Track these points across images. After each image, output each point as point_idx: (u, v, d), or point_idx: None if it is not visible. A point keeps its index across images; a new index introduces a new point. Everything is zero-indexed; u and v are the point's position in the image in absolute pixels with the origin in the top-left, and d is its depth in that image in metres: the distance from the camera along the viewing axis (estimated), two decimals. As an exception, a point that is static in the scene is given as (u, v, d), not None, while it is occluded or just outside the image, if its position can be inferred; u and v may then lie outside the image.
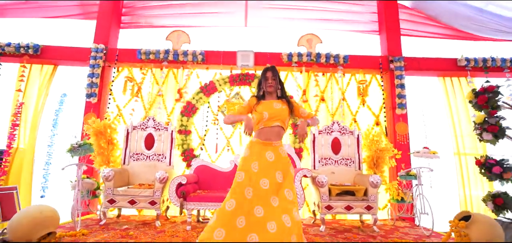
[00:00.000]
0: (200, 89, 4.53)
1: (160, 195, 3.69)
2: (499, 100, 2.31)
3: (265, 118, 2.21)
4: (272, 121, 2.21)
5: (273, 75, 2.29)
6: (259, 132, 2.23)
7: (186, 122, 4.42)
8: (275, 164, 2.14)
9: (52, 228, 2.60)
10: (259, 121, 2.22)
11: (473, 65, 4.98)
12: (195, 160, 4.23)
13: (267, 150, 2.18)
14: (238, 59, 4.69)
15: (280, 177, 2.08)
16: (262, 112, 2.21)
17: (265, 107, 2.24)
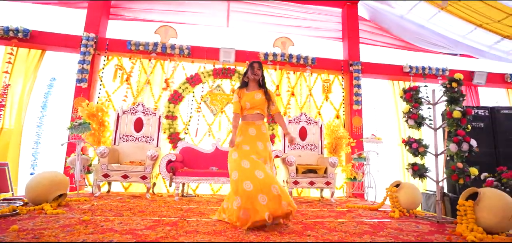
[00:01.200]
0: (186, 80, 5.06)
1: (151, 171, 4.20)
2: (421, 97, 3.20)
3: (247, 107, 2.77)
4: (253, 109, 2.77)
5: (259, 67, 2.81)
6: (244, 117, 2.81)
7: (173, 108, 4.93)
8: (256, 137, 2.74)
9: (64, 190, 3.03)
10: (243, 109, 2.79)
11: (415, 72, 6.05)
12: (181, 142, 4.77)
13: (250, 127, 2.78)
14: (221, 55, 5.28)
15: (261, 146, 2.72)
16: (246, 102, 2.77)
17: (248, 98, 2.77)
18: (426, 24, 6.12)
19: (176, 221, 2.50)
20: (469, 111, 2.88)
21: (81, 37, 5.02)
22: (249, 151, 2.61)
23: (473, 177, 2.79)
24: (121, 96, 5.10)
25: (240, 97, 2.81)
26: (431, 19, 5.82)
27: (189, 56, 5.27)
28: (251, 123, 2.79)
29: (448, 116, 2.97)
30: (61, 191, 2.99)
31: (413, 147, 3.15)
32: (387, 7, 6.07)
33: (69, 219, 2.36)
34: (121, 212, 2.82)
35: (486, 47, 6.15)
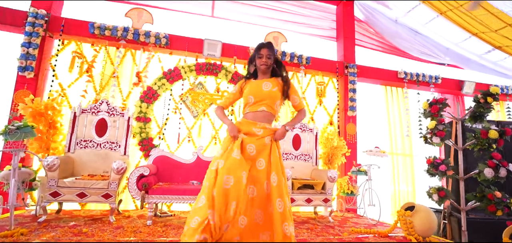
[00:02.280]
0: (163, 75, 4.22)
1: (117, 187, 3.35)
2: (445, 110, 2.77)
3: (251, 102, 2.03)
4: (258, 104, 2.01)
5: (269, 52, 2.05)
6: (246, 116, 2.06)
7: (146, 109, 4.08)
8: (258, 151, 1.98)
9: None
10: (246, 105, 2.08)
11: (409, 79, 5.77)
12: (154, 150, 3.95)
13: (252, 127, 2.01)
14: (205, 48, 4.52)
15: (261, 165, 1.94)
16: (249, 95, 2.04)
17: (253, 88, 2.05)
18: (420, 29, 5.86)
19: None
20: (508, 131, 2.48)
21: (26, 13, 3.96)
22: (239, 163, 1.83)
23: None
24: (80, 91, 4.14)
25: (242, 88, 2.13)
26: (428, 23, 5.56)
27: (167, 46, 4.42)
28: (253, 123, 2.01)
29: (482, 136, 2.55)
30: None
31: (441, 169, 2.69)
32: (384, 8, 5.71)
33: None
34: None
35: (476, 57, 6.06)
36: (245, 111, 2.09)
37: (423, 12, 5.30)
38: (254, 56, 2.16)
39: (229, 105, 2.19)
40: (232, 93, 2.17)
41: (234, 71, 4.54)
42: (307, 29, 5.64)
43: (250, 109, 2.05)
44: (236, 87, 2.17)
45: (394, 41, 6.06)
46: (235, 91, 2.16)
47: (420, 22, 5.60)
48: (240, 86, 2.16)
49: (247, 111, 2.06)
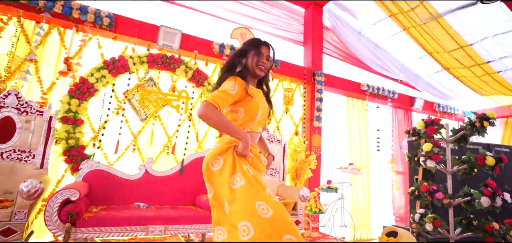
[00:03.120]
0: (104, 64, 3.25)
1: (26, 218, 2.36)
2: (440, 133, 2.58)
3: (257, 118, 1.53)
4: (261, 123, 1.59)
5: (269, 54, 1.61)
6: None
7: (77, 107, 3.07)
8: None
9: None
10: (250, 119, 1.51)
11: (370, 91, 5.77)
12: (87, 162, 2.99)
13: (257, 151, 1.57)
14: (160, 37, 3.69)
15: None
16: (257, 108, 1.51)
17: (260, 101, 1.55)
18: (382, 43, 5.94)
19: None
20: (504, 158, 2.35)
21: None
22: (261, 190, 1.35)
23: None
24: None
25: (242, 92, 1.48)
26: (390, 38, 5.63)
27: (111, 29, 3.45)
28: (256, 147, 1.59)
29: (479, 162, 2.38)
30: None
31: (437, 197, 2.45)
32: (350, 17, 5.60)
33: None
34: None
35: (426, 75, 6.41)
36: (248, 127, 1.52)
37: (388, 26, 5.33)
38: (246, 52, 1.60)
39: (226, 105, 1.45)
40: (231, 94, 1.44)
41: (195, 68, 3.80)
42: (275, 30, 5.20)
43: (253, 129, 1.55)
44: (235, 88, 1.46)
45: (357, 52, 6.03)
46: (236, 90, 1.46)
47: (384, 36, 5.64)
48: (245, 89, 1.49)
49: (251, 126, 1.53)
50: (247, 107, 1.50)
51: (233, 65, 1.60)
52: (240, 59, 1.60)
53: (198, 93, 3.92)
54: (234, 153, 1.43)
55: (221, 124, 1.40)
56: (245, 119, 1.51)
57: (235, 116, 1.52)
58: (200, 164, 3.53)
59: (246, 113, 1.51)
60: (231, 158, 1.41)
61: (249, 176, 1.36)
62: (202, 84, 3.80)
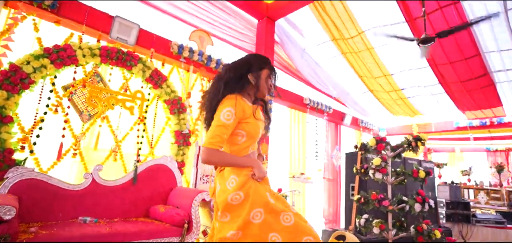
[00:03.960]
0: (45, 52, 2.70)
1: None
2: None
3: (258, 137, 1.57)
4: (255, 142, 1.58)
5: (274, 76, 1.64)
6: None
7: (5, 100, 2.48)
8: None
9: None
10: (250, 141, 1.50)
11: (311, 105, 6.31)
12: (16, 169, 2.45)
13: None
14: (114, 28, 3.29)
15: None
16: (255, 128, 1.49)
17: (260, 117, 1.57)
18: (321, 63, 6.57)
19: None
20: (431, 172, 2.93)
21: None
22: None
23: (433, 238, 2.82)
24: None
25: (241, 114, 1.44)
26: (330, 59, 6.27)
27: (53, 10, 2.90)
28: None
29: (414, 175, 2.91)
30: None
31: (384, 204, 2.88)
32: (298, 35, 6.04)
33: None
34: None
35: (354, 94, 7.36)
36: (244, 147, 1.49)
37: (329, 48, 5.94)
38: (258, 68, 1.55)
39: (223, 141, 1.40)
40: (229, 125, 1.40)
41: (154, 68, 3.52)
42: (231, 38, 5.21)
43: (253, 148, 1.56)
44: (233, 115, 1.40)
45: (300, 68, 6.52)
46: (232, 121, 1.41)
47: (324, 56, 6.25)
48: (253, 114, 1.49)
49: (251, 151, 1.54)
50: (249, 128, 1.48)
51: (235, 79, 1.52)
52: (247, 76, 1.52)
53: (153, 95, 3.63)
54: (252, 185, 1.40)
55: (228, 162, 1.43)
56: (248, 142, 1.50)
57: (236, 139, 1.48)
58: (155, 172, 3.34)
59: (249, 135, 1.49)
60: (251, 191, 1.38)
61: (269, 206, 1.38)
62: (160, 86, 3.54)
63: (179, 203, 3.03)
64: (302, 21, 5.66)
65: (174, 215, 2.79)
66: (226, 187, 1.40)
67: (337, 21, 5.23)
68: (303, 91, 6.39)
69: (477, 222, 5.45)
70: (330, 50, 6.01)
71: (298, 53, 6.27)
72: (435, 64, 5.50)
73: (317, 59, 6.50)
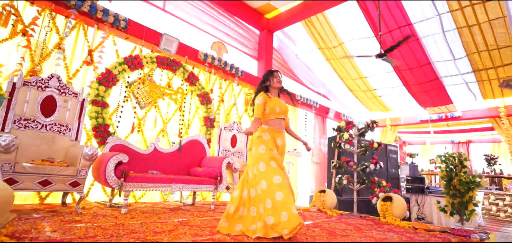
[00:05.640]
0: (124, 60, 4.01)
1: (86, 175, 3.12)
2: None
3: (277, 111, 2.74)
4: (280, 114, 2.78)
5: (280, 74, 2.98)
6: (269, 122, 2.71)
7: (103, 92, 3.78)
8: (281, 152, 2.79)
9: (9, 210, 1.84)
10: (271, 113, 2.71)
11: (302, 101, 7.73)
12: (111, 137, 3.77)
13: (278, 137, 2.76)
14: (162, 42, 4.60)
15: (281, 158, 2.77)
16: (275, 106, 2.73)
17: (276, 102, 2.78)
18: (311, 66, 8.00)
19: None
20: (382, 144, 4.40)
21: None
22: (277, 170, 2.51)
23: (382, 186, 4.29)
24: (11, 55, 3.33)
25: (266, 101, 2.75)
26: (318, 64, 7.71)
27: (125, 30, 4.21)
28: (278, 131, 2.78)
29: (371, 145, 4.37)
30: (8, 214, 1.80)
31: (350, 165, 4.33)
32: (291, 43, 7.45)
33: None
34: None
35: (338, 92, 8.84)
36: (270, 118, 2.74)
37: (317, 55, 7.37)
38: (267, 78, 2.93)
39: (261, 114, 2.69)
40: (261, 104, 2.69)
41: (190, 71, 4.85)
42: (238, 45, 6.56)
43: (275, 117, 2.78)
44: (262, 99, 2.72)
45: (294, 69, 7.94)
46: (262, 102, 2.70)
47: (313, 61, 7.69)
48: (264, 99, 2.76)
49: (272, 118, 2.76)
50: (268, 106, 2.79)
51: (261, 86, 2.92)
52: (263, 84, 2.93)
53: (187, 90, 4.97)
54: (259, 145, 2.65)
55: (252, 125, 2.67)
56: (268, 113, 2.75)
57: (265, 114, 2.77)
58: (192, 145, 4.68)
59: (269, 110, 2.81)
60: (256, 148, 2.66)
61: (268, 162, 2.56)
62: (194, 83, 4.88)
63: (211, 165, 4.39)
64: (295, 33, 7.07)
65: (211, 171, 4.15)
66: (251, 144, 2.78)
67: (322, 34, 6.66)
68: (295, 89, 7.80)
69: (429, 192, 7.02)
70: (317, 57, 7.45)
71: (292, 58, 7.68)
72: (399, 70, 7.01)
73: (307, 63, 7.93)
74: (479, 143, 11.22)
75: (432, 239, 2.84)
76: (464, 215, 3.78)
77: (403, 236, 2.89)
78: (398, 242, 2.65)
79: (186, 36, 5.21)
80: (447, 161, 3.92)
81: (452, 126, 9.79)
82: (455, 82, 7.02)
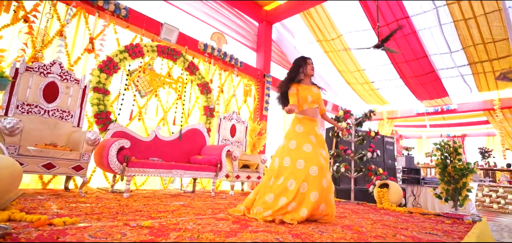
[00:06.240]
0: (125, 49, 4.04)
1: (89, 159, 3.17)
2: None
3: (309, 100, 2.60)
4: (313, 103, 2.64)
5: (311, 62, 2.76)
6: (304, 111, 2.60)
7: (105, 80, 3.81)
8: (319, 143, 2.59)
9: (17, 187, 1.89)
10: (304, 102, 2.58)
11: (300, 92, 7.79)
12: (113, 124, 3.81)
13: (315, 125, 2.64)
14: (162, 31, 4.63)
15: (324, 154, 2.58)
16: (307, 95, 2.59)
17: (308, 91, 2.62)
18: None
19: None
20: (378, 133, 4.49)
21: None
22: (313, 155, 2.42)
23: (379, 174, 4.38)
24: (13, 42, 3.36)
25: (298, 90, 2.62)
26: (316, 56, 7.77)
27: (126, 19, 4.23)
28: (314, 120, 2.66)
29: (367, 134, 4.46)
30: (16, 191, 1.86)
31: (348, 153, 4.42)
32: (290, 36, 7.49)
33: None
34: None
35: (334, 85, 8.91)
36: (304, 107, 2.61)
37: (315, 47, 7.43)
38: (299, 66, 2.72)
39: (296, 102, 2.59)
40: (294, 93, 2.59)
41: (190, 60, 4.89)
42: (238, 36, 6.59)
43: (309, 106, 2.64)
44: (294, 88, 2.60)
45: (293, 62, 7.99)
46: (295, 91, 2.60)
47: (311, 54, 7.74)
48: (296, 88, 2.62)
49: (306, 108, 2.62)
50: (300, 96, 2.63)
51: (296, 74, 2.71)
52: (293, 73, 2.72)
53: (187, 79, 5.01)
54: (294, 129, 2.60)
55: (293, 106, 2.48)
56: (301, 102, 2.62)
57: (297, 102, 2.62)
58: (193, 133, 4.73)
59: (301, 99, 2.62)
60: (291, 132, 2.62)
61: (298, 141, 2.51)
62: (194, 73, 4.93)
63: (211, 153, 4.45)
64: (294, 25, 7.11)
65: (211, 159, 4.22)
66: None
67: (321, 26, 6.72)
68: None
69: (425, 183, 7.15)
70: (315, 49, 7.51)
71: (291, 50, 7.73)
72: (396, 62, 7.10)
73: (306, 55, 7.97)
74: (474, 137, 11.39)
75: (427, 221, 2.94)
76: (458, 201, 3.88)
77: (399, 219, 2.98)
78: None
79: (186, 26, 5.24)
80: (442, 149, 4.02)
81: (447, 119, 9.93)
82: (451, 75, 7.12)
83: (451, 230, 2.44)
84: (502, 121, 7.74)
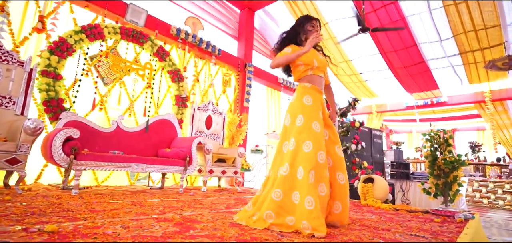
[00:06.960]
0: (81, 29, 3.60)
1: (28, 151, 2.74)
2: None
3: (315, 65, 2.01)
4: (319, 70, 2.05)
5: (319, 25, 2.10)
6: (311, 79, 2.01)
7: (56, 63, 3.37)
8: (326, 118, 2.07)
9: None
10: (308, 68, 1.99)
11: (284, 84, 7.44)
12: (66, 113, 3.37)
13: (321, 99, 2.05)
14: (128, 13, 4.20)
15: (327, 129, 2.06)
16: (312, 59, 2.00)
17: (313, 54, 2.03)
18: (294, 49, 7.69)
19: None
20: (363, 123, 4.15)
21: None
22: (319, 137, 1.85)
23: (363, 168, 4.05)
24: None
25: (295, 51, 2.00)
26: (301, 46, 7.41)
27: (83, -4, 3.79)
28: (320, 91, 2.05)
29: (352, 125, 4.12)
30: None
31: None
32: (274, 24, 7.11)
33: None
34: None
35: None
36: (309, 73, 2.01)
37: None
38: (300, 28, 2.11)
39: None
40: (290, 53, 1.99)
41: (159, 45, 4.47)
42: (217, 23, 6.18)
43: (315, 73, 2.03)
44: (290, 49, 2.01)
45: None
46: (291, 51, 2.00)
47: (297, 43, 7.38)
48: (294, 50, 2.02)
49: (311, 74, 2.02)
50: (304, 59, 1.99)
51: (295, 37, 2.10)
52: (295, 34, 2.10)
53: (158, 66, 4.59)
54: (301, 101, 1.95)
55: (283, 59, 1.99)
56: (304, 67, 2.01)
57: (299, 69, 2.03)
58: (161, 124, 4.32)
59: (304, 63, 1.99)
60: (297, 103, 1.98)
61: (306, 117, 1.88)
62: (164, 59, 4.51)
63: (181, 146, 4.06)
64: (277, 12, 6.73)
65: (179, 152, 3.82)
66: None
67: (306, 13, 6.34)
68: (277, 72, 7.49)
69: (414, 178, 6.88)
70: (301, 38, 7.13)
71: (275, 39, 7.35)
72: (384, 51, 6.79)
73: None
74: (465, 131, 11.22)
75: (414, 220, 2.61)
76: (448, 196, 3.58)
77: (382, 218, 2.64)
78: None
79: (156, 9, 4.81)
80: (432, 140, 3.71)
81: (438, 113, 9.71)
82: (442, 65, 6.85)
83: (441, 230, 2.11)
84: (493, 114, 7.52)
